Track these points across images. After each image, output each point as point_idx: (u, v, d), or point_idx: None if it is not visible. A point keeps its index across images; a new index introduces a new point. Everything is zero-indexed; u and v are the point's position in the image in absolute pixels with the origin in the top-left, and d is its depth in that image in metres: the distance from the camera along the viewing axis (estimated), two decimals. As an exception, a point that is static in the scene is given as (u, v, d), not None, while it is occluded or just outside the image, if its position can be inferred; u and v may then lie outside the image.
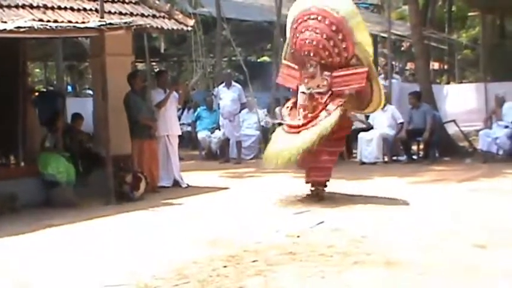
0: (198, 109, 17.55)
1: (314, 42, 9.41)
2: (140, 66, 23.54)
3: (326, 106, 9.40)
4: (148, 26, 11.22)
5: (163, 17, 11.85)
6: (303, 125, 9.41)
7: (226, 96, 15.54)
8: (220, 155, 16.28)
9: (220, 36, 19.01)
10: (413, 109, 14.52)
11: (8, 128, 10.31)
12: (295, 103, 9.88)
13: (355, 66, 9.44)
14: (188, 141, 17.77)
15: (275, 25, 17.10)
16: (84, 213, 9.27)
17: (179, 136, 12.36)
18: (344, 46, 9.36)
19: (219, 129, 16.16)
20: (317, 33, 9.40)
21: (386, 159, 14.48)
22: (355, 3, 28.24)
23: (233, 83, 15.93)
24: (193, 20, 13.07)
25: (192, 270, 6.21)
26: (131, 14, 11.35)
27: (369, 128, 14.73)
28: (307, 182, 9.94)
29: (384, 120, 14.62)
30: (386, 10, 25.36)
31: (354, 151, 15.33)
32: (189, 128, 17.90)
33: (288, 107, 10.04)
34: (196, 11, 19.48)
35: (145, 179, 10.68)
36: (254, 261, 6.43)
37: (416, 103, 14.47)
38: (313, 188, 9.89)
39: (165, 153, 11.73)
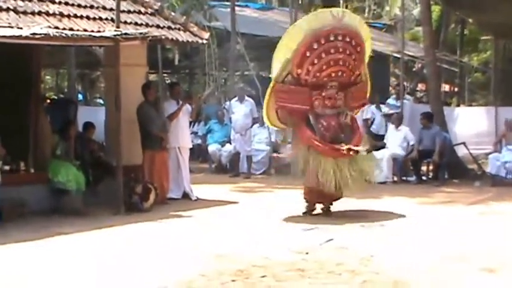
0: (210, 122, 17.57)
1: (347, 64, 9.57)
2: (152, 77, 23.58)
3: (353, 126, 9.82)
4: (163, 37, 11.28)
5: (179, 29, 11.89)
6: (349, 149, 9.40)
7: (239, 110, 15.57)
8: (230, 168, 16.27)
9: (234, 51, 19.02)
10: (423, 130, 14.49)
11: (20, 134, 10.33)
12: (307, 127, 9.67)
13: (361, 83, 9.99)
14: (198, 154, 17.77)
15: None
16: (93, 223, 9.27)
17: (190, 149, 12.36)
18: (361, 66, 9.78)
19: (230, 143, 16.17)
20: (347, 54, 9.51)
21: (395, 179, 14.44)
22: (369, 23, 28.24)
23: (246, 97, 15.96)
24: (208, 33, 13.11)
25: (200, 283, 6.20)
26: (147, 25, 11.39)
27: (382, 147, 14.71)
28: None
29: (396, 140, 14.60)
30: (399, 31, 25.42)
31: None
32: (199, 141, 17.91)
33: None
34: (211, 24, 19.56)
35: (155, 190, 10.68)
36: (263, 276, 6.41)
37: (427, 124, 14.44)
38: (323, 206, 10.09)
39: (175, 165, 11.72)
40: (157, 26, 11.57)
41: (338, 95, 9.69)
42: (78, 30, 10.13)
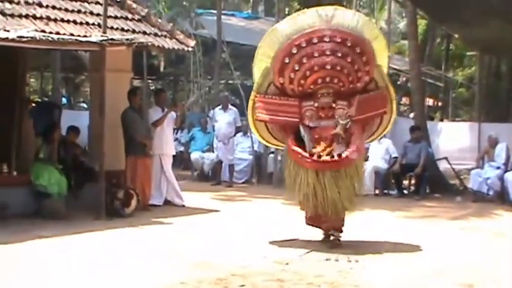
0: (193, 130, 17.58)
1: (340, 67, 8.27)
2: (136, 83, 23.55)
3: (352, 137, 8.35)
4: (149, 43, 11.29)
5: (165, 36, 11.90)
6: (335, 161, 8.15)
7: (222, 118, 15.58)
8: (212, 177, 16.27)
9: (219, 59, 19.07)
10: (410, 143, 14.54)
11: (3, 136, 10.31)
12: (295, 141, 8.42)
13: (373, 90, 8.58)
14: (180, 161, 17.77)
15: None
16: (74, 227, 9.25)
17: (173, 156, 12.36)
18: (367, 69, 8.41)
19: (213, 151, 16.18)
20: (339, 56, 8.25)
21: (377, 191, 14.50)
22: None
23: (230, 106, 15.99)
24: (194, 41, 13.14)
25: (180, 291, 6.21)
26: (133, 31, 11.39)
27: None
28: (323, 228, 8.70)
29: (378, 153, 14.66)
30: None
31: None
32: (182, 148, 17.91)
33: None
34: (197, 32, 19.60)
35: (137, 196, 10.68)
36: (242, 285, 6.43)
37: (419, 138, 14.51)
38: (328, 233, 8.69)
39: (158, 171, 11.72)
40: (144, 33, 11.58)
41: (337, 104, 8.39)
42: (64, 34, 10.12)
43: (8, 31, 9.29)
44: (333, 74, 8.29)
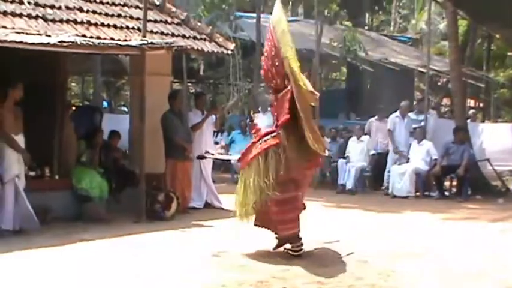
0: (233, 132, 17.61)
1: (264, 64, 7.89)
2: (176, 86, 23.71)
3: (259, 140, 7.82)
4: (189, 47, 11.37)
5: (204, 39, 11.96)
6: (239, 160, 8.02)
7: (262, 121, 15.53)
8: (252, 179, 16.23)
9: (259, 61, 19.06)
10: (453, 144, 14.37)
11: (45, 140, 10.43)
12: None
13: (284, 89, 7.64)
14: (220, 164, 17.79)
15: (314, 53, 17.13)
16: (115, 230, 9.31)
17: (213, 159, 12.39)
18: (277, 63, 7.63)
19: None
20: (264, 53, 7.97)
21: (418, 193, 14.37)
22: (394, 37, 28.05)
23: (269, 108, 15.94)
24: (233, 44, 13.16)
25: (220, 293, 6.22)
26: (173, 35, 11.47)
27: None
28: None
29: (418, 155, 14.55)
30: (425, 45, 25.33)
31: (386, 184, 15.26)
32: (222, 151, 17.94)
33: None
34: (236, 34, 19.63)
35: (177, 199, 10.72)
36: (282, 288, 6.43)
37: (463, 139, 14.35)
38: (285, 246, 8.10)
39: (198, 174, 11.76)
40: (183, 36, 11.64)
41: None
42: (105, 38, 10.22)
43: (49, 36, 9.41)
44: (264, 69, 7.91)
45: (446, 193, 14.53)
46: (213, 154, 8.53)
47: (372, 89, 24.41)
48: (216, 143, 17.73)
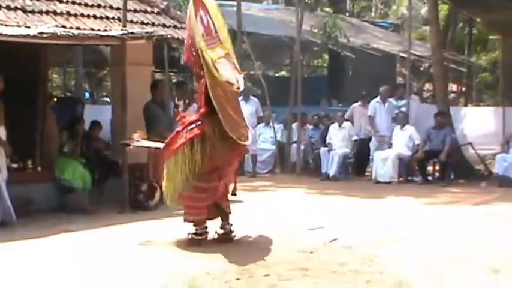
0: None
1: (185, 50, 7.86)
2: (158, 76, 23.63)
3: (184, 129, 7.70)
4: (170, 36, 11.32)
5: (185, 28, 11.89)
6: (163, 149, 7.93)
7: (244, 109, 15.46)
8: (235, 167, 16.24)
9: (240, 50, 19.04)
10: (434, 129, 14.42)
11: (27, 132, 10.39)
12: None
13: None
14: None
15: (295, 40, 17.13)
16: (99, 220, 9.32)
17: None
18: (194, 53, 7.53)
19: (235, 142, 16.15)
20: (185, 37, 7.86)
21: (401, 179, 14.43)
22: (375, 22, 28.10)
23: (251, 96, 15.97)
24: (214, 33, 13.10)
25: (205, 281, 6.23)
26: (153, 24, 11.43)
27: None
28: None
29: (401, 140, 14.59)
30: (406, 30, 25.39)
31: (368, 170, 15.33)
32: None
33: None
34: (217, 23, 19.51)
35: (160, 188, 10.70)
36: (266, 275, 6.45)
37: (443, 124, 14.39)
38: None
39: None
40: (164, 25, 11.61)
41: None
42: (85, 29, 10.19)
43: (29, 27, 9.37)
44: (188, 59, 7.78)
45: (430, 178, 14.59)
46: (138, 141, 8.40)
47: (354, 75, 24.48)
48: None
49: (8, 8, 9.99)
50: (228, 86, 7.43)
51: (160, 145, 8.01)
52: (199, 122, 7.62)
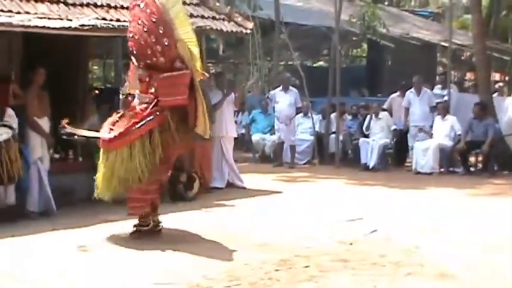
0: (253, 112, 17.60)
1: (136, 36, 7.59)
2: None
3: (141, 120, 7.45)
4: (208, 27, 11.33)
5: (223, 19, 11.91)
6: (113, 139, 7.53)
7: (283, 100, 15.50)
8: (274, 158, 16.26)
9: (278, 40, 19.02)
10: (475, 120, 14.21)
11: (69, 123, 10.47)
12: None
13: (180, 70, 7.53)
14: (242, 143, 17.81)
15: (333, 30, 17.03)
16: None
17: (234, 138, 12.39)
18: (166, 43, 7.46)
19: (274, 133, 16.15)
20: (139, 24, 7.57)
21: (442, 170, 14.25)
22: (415, 11, 27.84)
23: (290, 87, 15.92)
24: (252, 23, 13.10)
25: (244, 272, 6.25)
26: (191, 16, 11.40)
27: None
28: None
29: (442, 130, 14.39)
30: (447, 19, 25.07)
31: (409, 160, 15.18)
32: (243, 131, 17.95)
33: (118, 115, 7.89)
34: (255, 14, 19.54)
35: (199, 179, 10.74)
36: (306, 266, 6.44)
37: (482, 114, 14.18)
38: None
39: (219, 154, 11.76)
40: (202, 17, 11.60)
41: (151, 81, 7.64)
42: (125, 21, 10.20)
43: (70, 20, 9.45)
44: (135, 46, 7.68)
45: (472, 169, 14.38)
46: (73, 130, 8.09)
47: (393, 65, 24.23)
48: (239, 122, 17.77)
49: (51, 1, 10.07)
50: (204, 77, 7.87)
51: (99, 134, 7.78)
52: (158, 113, 7.49)
